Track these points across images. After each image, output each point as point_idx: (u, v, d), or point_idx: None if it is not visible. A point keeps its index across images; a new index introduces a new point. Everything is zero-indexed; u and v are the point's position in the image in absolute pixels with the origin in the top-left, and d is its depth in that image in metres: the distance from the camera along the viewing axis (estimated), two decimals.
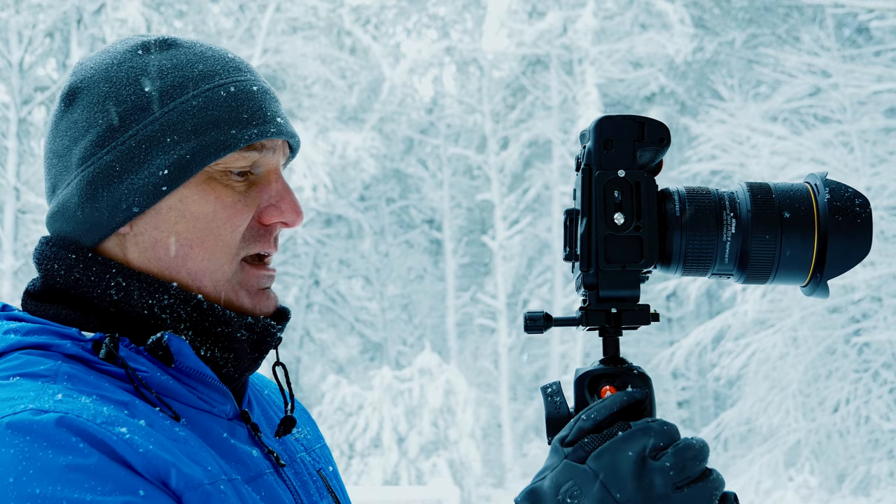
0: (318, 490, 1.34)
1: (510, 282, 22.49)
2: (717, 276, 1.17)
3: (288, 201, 1.29)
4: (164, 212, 1.23)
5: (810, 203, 1.13)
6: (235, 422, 1.27)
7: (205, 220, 1.24)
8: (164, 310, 1.22)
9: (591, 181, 1.12)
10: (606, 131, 1.12)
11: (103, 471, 1.03)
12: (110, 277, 1.22)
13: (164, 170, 1.22)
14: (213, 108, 1.24)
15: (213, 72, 1.27)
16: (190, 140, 1.22)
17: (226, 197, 1.25)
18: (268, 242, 1.29)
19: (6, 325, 1.21)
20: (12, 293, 16.87)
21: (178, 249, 1.24)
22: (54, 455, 1.02)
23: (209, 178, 1.24)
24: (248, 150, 1.26)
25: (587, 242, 1.12)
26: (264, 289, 1.30)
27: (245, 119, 1.25)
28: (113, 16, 17.53)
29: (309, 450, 1.40)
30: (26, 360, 1.14)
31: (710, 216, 1.13)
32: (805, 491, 14.70)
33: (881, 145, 15.71)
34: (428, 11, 24.14)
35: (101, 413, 1.08)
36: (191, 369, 1.21)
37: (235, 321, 1.24)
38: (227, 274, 1.26)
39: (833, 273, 1.14)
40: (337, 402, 16.09)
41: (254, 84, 1.29)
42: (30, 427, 1.03)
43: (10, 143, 17.56)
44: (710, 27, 22.21)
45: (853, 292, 15.10)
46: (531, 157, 23.39)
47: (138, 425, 1.10)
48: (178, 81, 1.24)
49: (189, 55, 1.27)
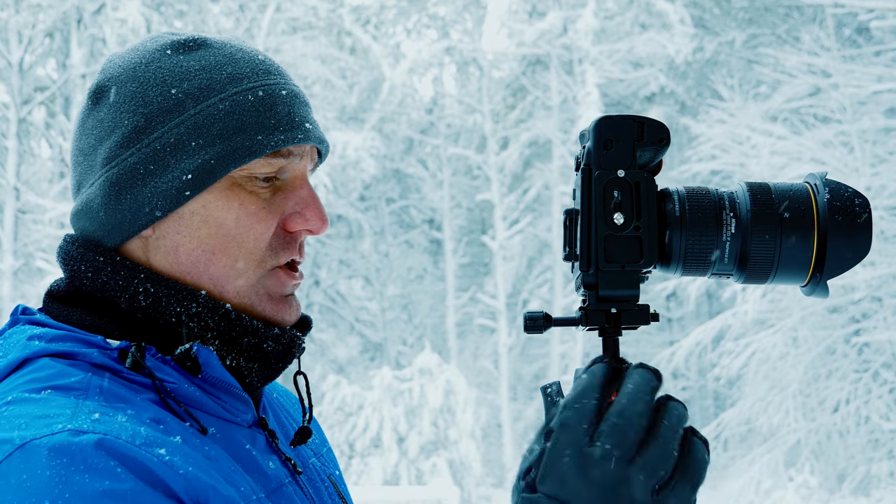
0: (330, 496, 1.34)
1: (510, 282, 22.49)
2: (717, 276, 1.17)
3: (313, 209, 1.27)
4: (187, 216, 1.22)
5: (810, 203, 1.13)
6: (255, 429, 1.27)
7: (227, 227, 1.22)
8: (191, 318, 1.21)
9: (590, 181, 1.12)
10: (606, 131, 1.12)
11: (138, 497, 1.01)
12: (139, 283, 1.21)
13: (187, 174, 1.21)
14: (240, 113, 1.22)
15: (241, 75, 1.25)
16: (215, 145, 1.21)
17: (250, 204, 1.23)
18: (294, 250, 1.27)
19: (29, 330, 1.19)
20: (12, 293, 16.87)
21: (200, 255, 1.23)
22: (91, 480, 0.99)
23: (233, 183, 1.23)
24: (273, 157, 1.24)
25: (587, 242, 1.12)
26: (287, 296, 1.28)
27: (272, 124, 1.23)
28: (113, 16, 17.53)
29: (318, 454, 1.40)
30: (57, 371, 1.12)
31: (709, 216, 1.13)
32: (805, 491, 14.70)
33: (881, 145, 15.71)
34: (428, 11, 24.14)
35: (139, 434, 1.06)
36: (216, 380, 1.20)
37: (262, 331, 1.24)
38: (250, 280, 1.24)
39: (833, 273, 1.13)
40: (337, 402, 16.09)
41: (283, 88, 1.27)
42: (68, 449, 1.01)
43: (10, 143, 17.57)
44: (710, 27, 22.22)
45: (853, 292, 15.11)
46: (531, 157, 23.39)
47: (176, 444, 1.08)
48: (205, 84, 1.23)
49: (218, 56, 1.26)
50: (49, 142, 20.07)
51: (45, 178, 20.13)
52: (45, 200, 16.83)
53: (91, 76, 17.22)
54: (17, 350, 1.16)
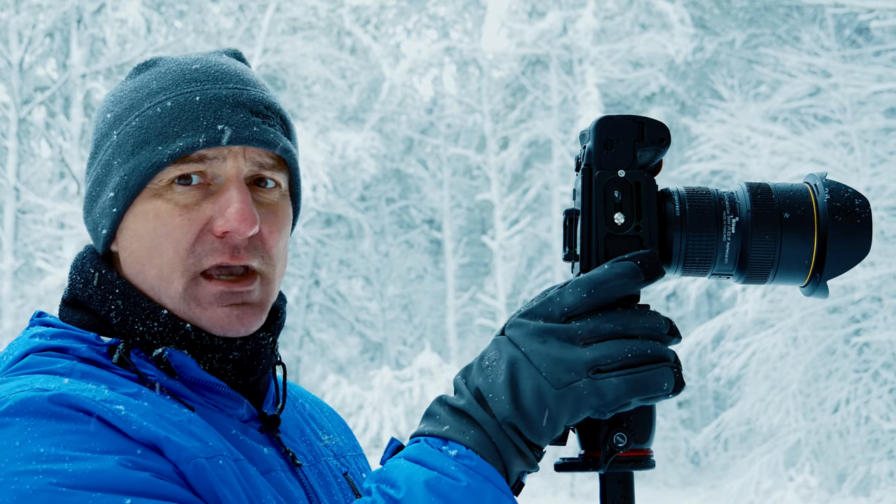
0: (342, 491, 1.36)
1: (510, 282, 22.49)
2: (717, 277, 1.17)
3: (234, 209, 1.24)
4: (124, 231, 1.29)
5: (810, 203, 1.13)
6: (251, 423, 1.29)
7: (149, 238, 1.26)
8: (154, 336, 1.25)
9: (591, 181, 1.12)
10: (606, 131, 1.12)
11: (102, 434, 1.09)
12: (113, 298, 1.28)
13: (111, 192, 1.27)
14: (147, 126, 1.26)
15: (160, 88, 1.28)
16: (129, 161, 1.26)
17: (164, 213, 1.25)
18: (224, 254, 1.25)
19: (35, 329, 1.28)
20: (12, 293, 16.87)
21: (138, 267, 1.28)
22: (56, 422, 1.08)
23: (154, 194, 1.26)
24: (183, 163, 1.24)
25: (587, 242, 1.12)
26: (227, 305, 1.25)
27: (174, 132, 1.25)
28: (113, 16, 17.52)
29: (339, 456, 1.43)
30: (44, 360, 1.21)
31: (709, 216, 1.13)
32: (805, 491, 14.69)
33: (881, 145, 15.71)
34: (428, 11, 24.14)
35: (101, 393, 1.14)
36: (196, 380, 1.24)
37: (224, 346, 1.26)
38: (178, 289, 1.25)
39: (832, 273, 1.13)
40: (337, 402, 16.10)
41: (199, 94, 1.26)
42: (31, 401, 1.10)
43: (10, 143, 17.56)
44: (710, 27, 22.21)
45: (853, 292, 15.10)
46: (531, 157, 23.39)
47: (138, 405, 1.14)
48: (131, 103, 1.29)
49: (155, 74, 1.30)
50: (49, 142, 20.06)
51: (45, 178, 20.13)
52: (45, 200, 16.82)
53: (91, 76, 17.24)
54: (21, 346, 1.25)
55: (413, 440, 1.07)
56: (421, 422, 1.08)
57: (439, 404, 1.08)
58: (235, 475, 1.15)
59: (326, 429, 1.46)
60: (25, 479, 1.03)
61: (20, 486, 1.03)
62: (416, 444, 1.06)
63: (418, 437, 1.06)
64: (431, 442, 1.04)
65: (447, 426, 1.04)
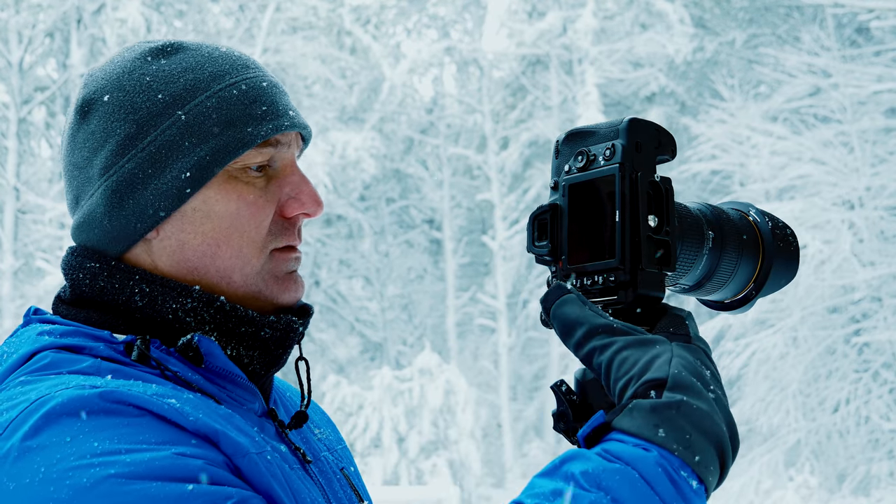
0: (342, 487, 1.37)
1: (510, 282, 22.49)
2: (674, 287, 1.20)
3: (307, 192, 1.32)
4: (190, 214, 1.27)
5: (752, 228, 1.20)
6: (264, 419, 1.30)
7: (230, 219, 1.27)
8: (187, 313, 1.25)
9: (629, 180, 1.11)
10: (637, 133, 1.13)
11: (156, 426, 1.08)
12: (134, 284, 1.26)
13: (185, 172, 1.25)
14: (227, 108, 1.27)
15: (222, 71, 1.29)
16: (208, 141, 1.25)
17: (248, 194, 1.28)
18: (292, 235, 1.32)
19: (40, 327, 1.24)
20: (12, 293, 16.88)
21: (206, 249, 1.27)
22: (108, 418, 1.07)
23: (230, 177, 1.27)
24: (264, 146, 1.28)
25: (627, 242, 1.11)
26: (292, 272, 1.33)
27: (259, 115, 1.28)
28: (113, 16, 17.53)
29: (331, 449, 1.43)
30: (66, 359, 1.18)
31: (696, 228, 1.16)
32: (805, 491, 14.69)
33: (881, 145, 15.72)
34: (428, 11, 24.14)
35: (150, 388, 1.13)
36: (220, 369, 1.25)
37: (258, 320, 1.27)
38: (255, 267, 1.29)
39: (767, 292, 1.21)
40: (337, 402, 16.10)
41: (263, 80, 1.31)
42: (81, 398, 1.08)
43: (10, 143, 17.58)
44: (710, 27, 22.21)
45: (853, 292, 15.11)
46: (531, 157, 23.39)
47: (187, 398, 1.14)
48: (189, 85, 1.27)
49: (197, 57, 1.30)
50: (49, 142, 20.06)
51: (45, 178, 20.13)
52: (45, 200, 16.83)
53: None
54: (28, 344, 1.21)
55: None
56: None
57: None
58: (281, 471, 1.17)
59: (316, 422, 1.46)
60: (82, 473, 1.02)
61: (76, 481, 1.02)
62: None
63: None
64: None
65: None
